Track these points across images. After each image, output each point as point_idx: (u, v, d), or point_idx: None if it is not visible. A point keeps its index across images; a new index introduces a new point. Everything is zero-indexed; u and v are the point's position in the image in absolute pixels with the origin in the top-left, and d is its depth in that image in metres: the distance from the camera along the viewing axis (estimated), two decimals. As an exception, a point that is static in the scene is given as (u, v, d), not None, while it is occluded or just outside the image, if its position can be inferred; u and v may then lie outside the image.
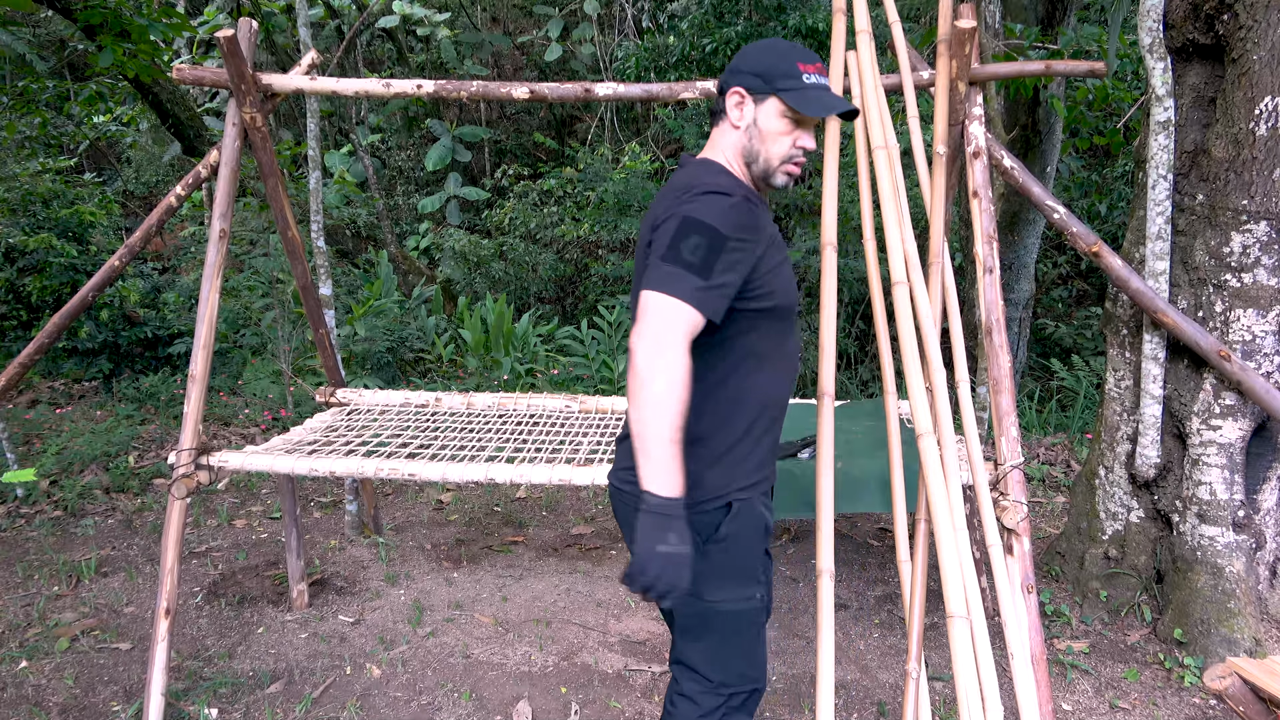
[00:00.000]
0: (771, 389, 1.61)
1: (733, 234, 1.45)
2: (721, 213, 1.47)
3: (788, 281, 1.59)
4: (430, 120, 10.13)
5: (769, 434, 1.65)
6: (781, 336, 1.61)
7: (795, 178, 1.57)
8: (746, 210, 1.49)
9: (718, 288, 1.44)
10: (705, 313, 1.42)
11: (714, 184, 1.51)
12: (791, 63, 1.51)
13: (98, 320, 6.08)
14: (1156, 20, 2.70)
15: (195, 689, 2.66)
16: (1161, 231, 2.76)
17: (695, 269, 1.42)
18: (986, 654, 1.85)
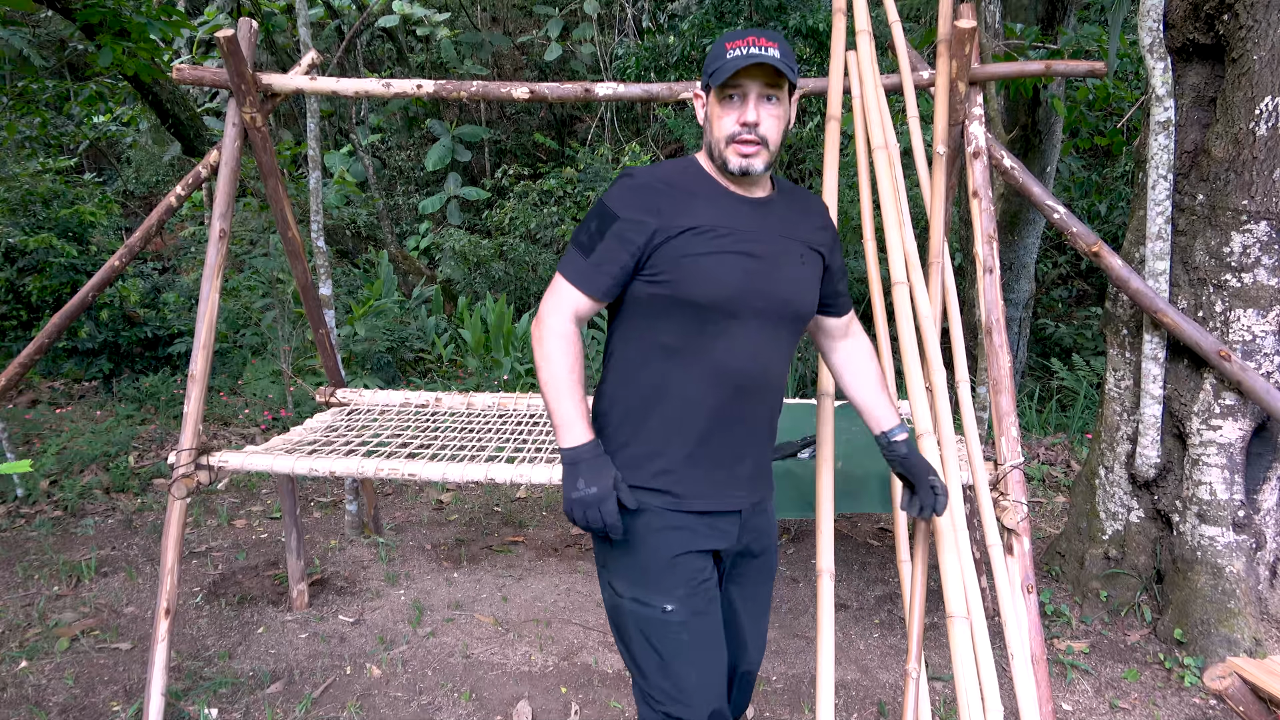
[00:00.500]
0: (688, 389, 1.53)
1: (624, 213, 1.48)
2: (619, 193, 1.52)
3: (713, 276, 1.49)
4: (430, 120, 10.13)
5: (688, 443, 1.54)
6: (702, 334, 1.52)
7: (746, 157, 1.49)
8: (647, 192, 1.50)
9: (598, 266, 1.50)
10: (586, 290, 1.50)
11: (642, 169, 1.56)
12: (721, 47, 1.49)
13: (98, 320, 6.08)
14: (1156, 20, 2.70)
15: (195, 689, 2.66)
16: (1161, 231, 2.76)
17: (582, 247, 1.51)
18: (986, 654, 1.85)
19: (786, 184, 1.68)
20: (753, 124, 1.47)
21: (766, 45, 1.44)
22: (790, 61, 1.47)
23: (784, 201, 1.62)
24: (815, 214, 1.67)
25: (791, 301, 1.57)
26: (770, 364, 1.57)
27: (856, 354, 1.79)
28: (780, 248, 1.56)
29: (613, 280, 1.50)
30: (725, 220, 1.52)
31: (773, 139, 1.50)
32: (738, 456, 1.58)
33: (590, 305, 1.52)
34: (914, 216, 2.28)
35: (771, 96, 1.48)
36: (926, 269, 2.31)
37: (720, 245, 1.49)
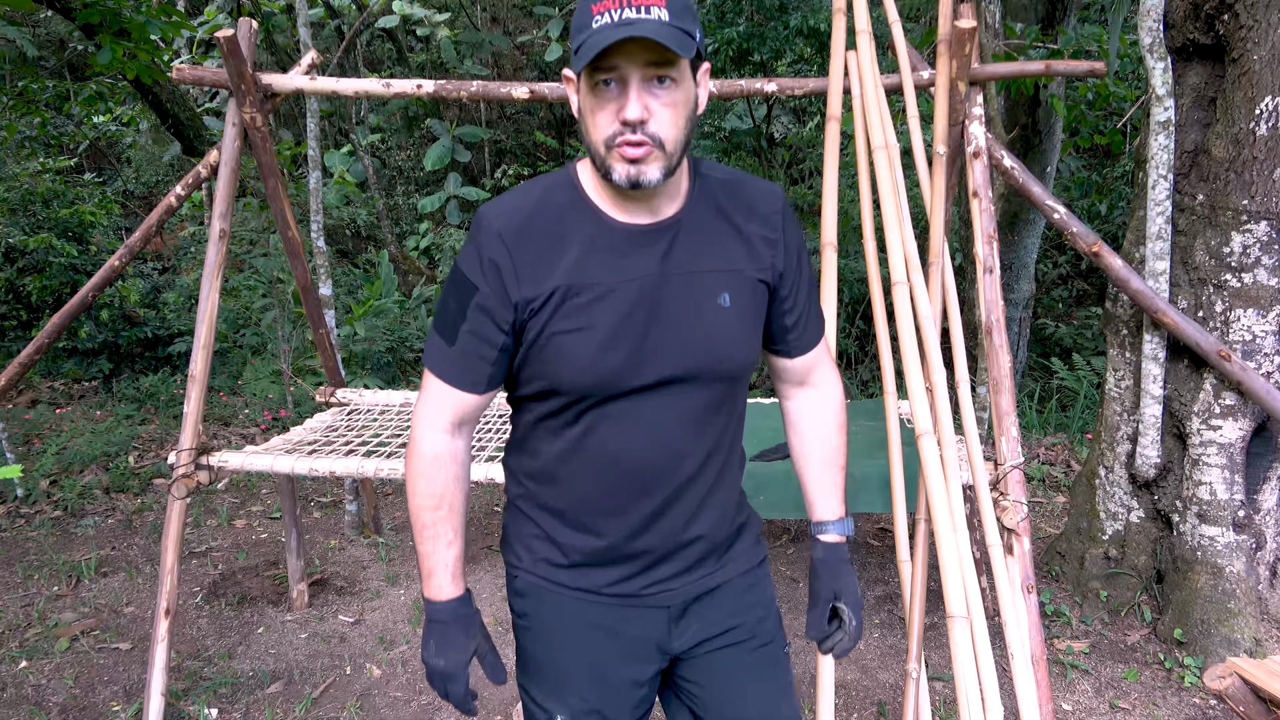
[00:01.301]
0: (579, 489, 1.22)
1: (483, 281, 1.13)
2: (473, 252, 1.15)
3: (581, 359, 1.13)
4: (430, 120, 10.13)
5: (589, 541, 1.23)
6: (580, 423, 1.18)
7: (635, 163, 1.07)
8: (504, 244, 1.12)
9: (467, 355, 1.16)
10: (462, 386, 1.18)
11: (500, 205, 1.17)
12: (585, 10, 1.05)
13: (98, 320, 6.08)
14: (1156, 20, 2.70)
15: (195, 689, 2.66)
16: (1161, 231, 2.76)
17: (444, 331, 1.18)
18: (986, 654, 1.85)
19: (717, 175, 1.23)
20: (636, 121, 1.04)
21: (644, 3, 1.02)
22: (687, 22, 1.04)
23: (703, 213, 1.19)
24: (758, 216, 1.22)
25: (708, 362, 1.17)
26: (687, 447, 1.20)
27: (814, 412, 1.36)
28: (688, 291, 1.15)
29: (493, 366, 1.17)
30: (603, 271, 1.13)
31: (670, 135, 1.07)
32: (660, 557, 1.24)
33: (475, 401, 1.19)
34: (914, 216, 2.27)
35: (664, 78, 1.05)
36: (926, 269, 2.31)
37: (592, 316, 1.12)
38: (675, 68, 1.05)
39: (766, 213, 1.23)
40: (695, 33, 1.07)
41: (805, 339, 1.32)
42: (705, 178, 1.22)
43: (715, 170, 1.25)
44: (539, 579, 1.27)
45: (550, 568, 1.26)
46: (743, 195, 1.23)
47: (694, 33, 1.07)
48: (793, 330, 1.29)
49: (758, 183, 1.27)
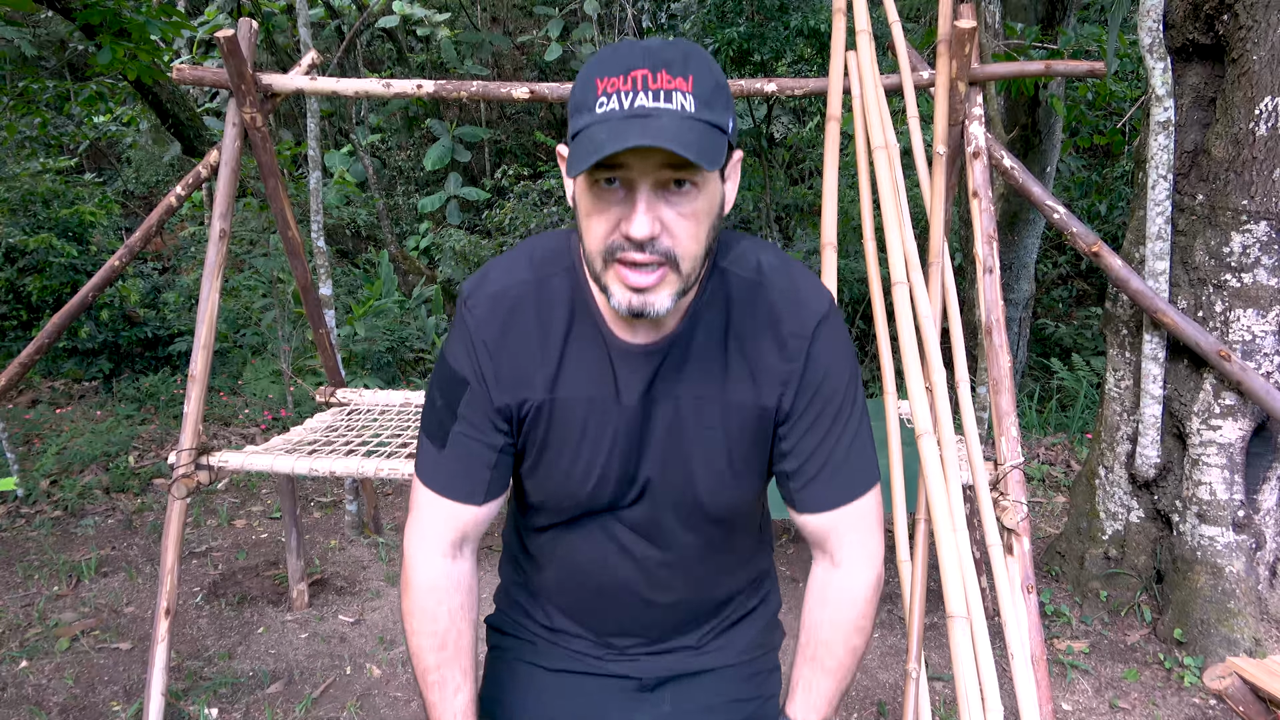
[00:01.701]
0: (547, 587, 1.16)
1: (476, 376, 0.99)
2: (461, 341, 1.00)
3: (554, 479, 1.03)
4: (430, 120, 10.12)
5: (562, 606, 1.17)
6: (553, 535, 1.11)
7: (641, 292, 0.87)
8: (477, 335, 0.98)
9: (465, 460, 1.01)
10: (456, 497, 1.02)
11: (489, 288, 1.01)
12: (589, 86, 0.84)
13: (98, 320, 6.08)
14: (1156, 20, 2.70)
15: (195, 689, 2.66)
16: (1161, 231, 2.76)
17: (430, 431, 1.03)
18: (986, 654, 1.85)
19: (743, 273, 0.99)
20: (646, 239, 0.84)
21: (665, 88, 0.81)
22: (718, 111, 0.84)
23: (708, 326, 0.98)
24: (776, 340, 0.98)
25: (690, 501, 1.03)
26: (664, 589, 1.10)
27: (820, 594, 1.11)
28: (676, 419, 1.00)
29: (493, 471, 1.02)
30: (588, 387, 0.99)
31: (688, 251, 0.87)
32: (623, 634, 1.16)
33: (476, 515, 1.03)
34: (914, 216, 2.27)
35: (683, 182, 0.84)
36: (926, 269, 2.31)
37: (567, 437, 1.00)
38: (698, 170, 0.84)
39: (788, 335, 0.98)
40: (728, 123, 0.86)
41: (813, 495, 1.03)
42: (725, 275, 0.99)
43: (744, 263, 1.00)
44: (513, 620, 1.21)
45: (525, 617, 1.20)
46: (765, 308, 0.98)
47: (726, 124, 0.85)
48: (793, 479, 1.03)
49: (796, 289, 0.99)
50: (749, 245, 1.02)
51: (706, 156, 0.80)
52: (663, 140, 0.78)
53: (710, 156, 0.81)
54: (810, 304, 0.99)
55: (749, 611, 1.21)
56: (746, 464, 1.03)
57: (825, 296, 1.00)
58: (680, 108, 0.82)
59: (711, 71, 0.85)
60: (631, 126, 0.80)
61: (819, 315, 0.99)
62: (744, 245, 1.02)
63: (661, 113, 0.81)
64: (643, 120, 0.80)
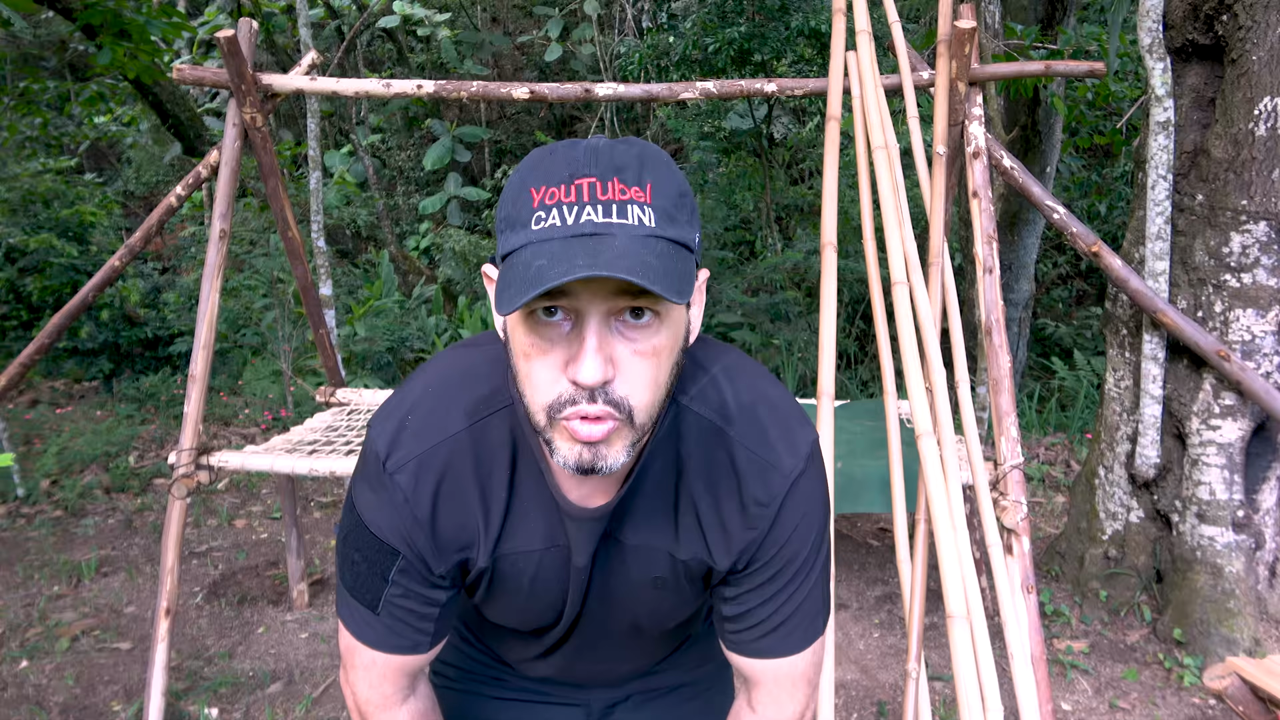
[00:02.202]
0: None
1: (390, 539, 0.86)
2: (370, 497, 0.86)
3: (514, 615, 0.98)
4: (430, 120, 10.13)
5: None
6: (507, 635, 1.08)
7: (592, 446, 0.72)
8: (403, 511, 0.84)
9: (401, 619, 0.89)
10: (400, 651, 0.91)
11: (401, 428, 0.85)
12: (522, 196, 0.70)
13: (98, 320, 6.08)
14: (1156, 20, 2.70)
15: (195, 689, 2.67)
16: (1161, 231, 2.76)
17: (358, 592, 0.89)
18: (986, 654, 1.85)
19: (705, 413, 0.86)
20: (597, 385, 0.69)
21: (618, 199, 0.68)
22: (680, 225, 0.71)
23: (659, 475, 0.86)
24: (736, 504, 0.86)
25: (640, 628, 1.00)
26: (610, 672, 1.11)
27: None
28: (624, 566, 0.91)
29: (436, 624, 0.92)
30: (535, 542, 0.89)
31: (644, 400, 0.72)
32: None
33: (422, 660, 0.94)
34: (914, 216, 2.26)
35: (641, 312, 0.70)
36: (926, 269, 2.31)
37: (514, 592, 0.93)
38: (661, 298, 0.66)
39: (750, 502, 0.85)
40: (694, 239, 0.72)
41: (744, 644, 0.94)
42: (683, 414, 0.85)
43: (707, 399, 0.85)
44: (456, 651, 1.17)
45: (468, 646, 1.16)
46: (726, 465, 0.85)
47: (693, 241, 0.72)
48: (729, 622, 0.94)
49: (767, 443, 0.85)
50: (719, 373, 0.87)
51: (673, 285, 0.65)
52: (619, 269, 0.63)
53: (678, 285, 0.65)
54: (782, 463, 0.85)
55: (703, 633, 1.18)
56: (695, 597, 0.96)
57: (800, 447, 0.86)
58: (638, 222, 0.67)
59: (673, 176, 0.71)
60: (578, 249, 0.65)
61: (791, 477, 0.85)
62: (712, 373, 0.86)
63: (615, 230, 0.67)
64: (593, 240, 0.66)
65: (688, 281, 0.67)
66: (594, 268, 0.62)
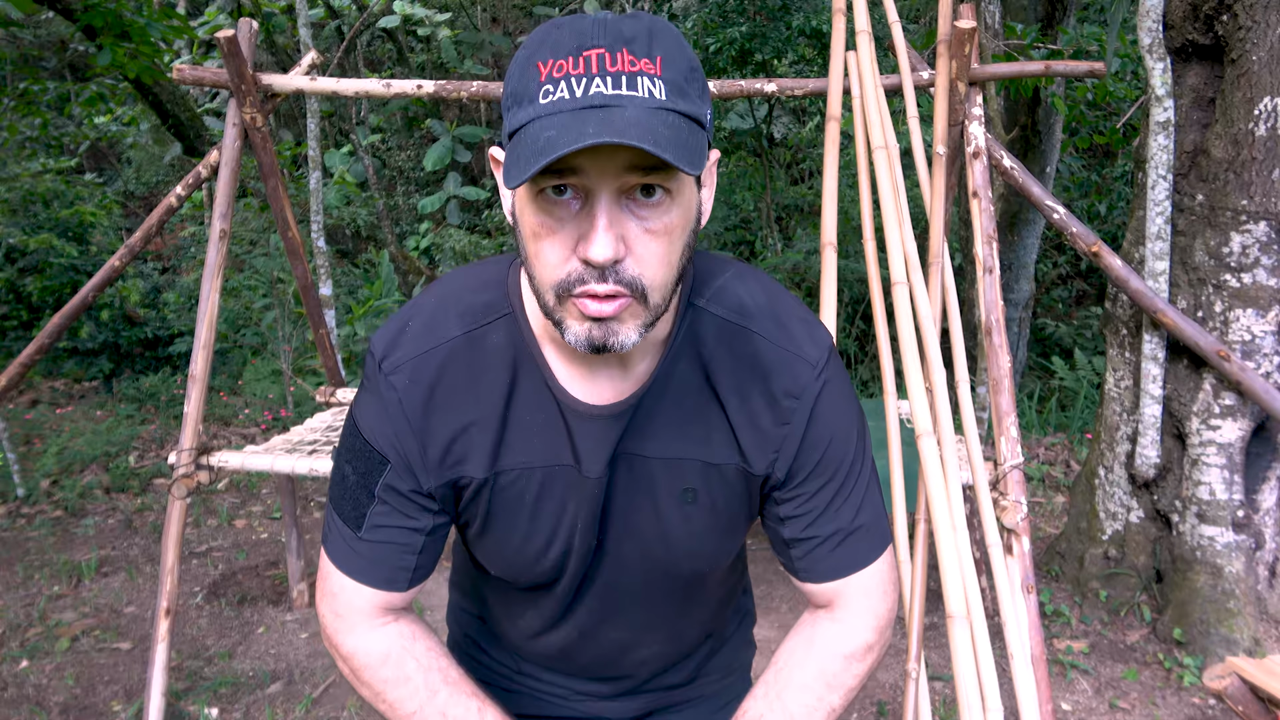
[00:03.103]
0: (505, 634, 1.06)
1: (395, 454, 0.83)
2: (367, 398, 0.85)
3: (505, 557, 0.91)
4: (430, 120, 10.13)
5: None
6: (511, 607, 1.01)
7: (603, 323, 0.71)
8: (395, 410, 0.82)
9: (382, 544, 0.86)
10: (375, 584, 0.87)
11: (404, 349, 0.83)
12: (529, 71, 0.68)
13: (98, 320, 6.08)
14: (1156, 20, 2.70)
15: (195, 689, 2.67)
16: (1161, 231, 2.76)
17: (342, 509, 0.87)
18: (986, 654, 1.85)
19: (721, 313, 0.84)
20: (609, 262, 0.68)
21: (627, 71, 0.66)
22: (692, 98, 0.69)
23: (682, 377, 0.83)
24: (764, 396, 0.83)
25: (662, 567, 0.91)
26: (633, 643, 1.00)
27: (809, 641, 0.94)
28: (644, 482, 0.86)
29: (419, 557, 0.88)
30: (538, 454, 0.84)
31: (656, 278, 0.71)
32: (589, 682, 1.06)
33: (404, 595, 0.90)
34: (914, 216, 2.26)
35: (651, 188, 0.68)
36: (926, 269, 2.31)
37: (516, 511, 0.87)
38: (673, 174, 0.67)
39: (780, 394, 0.83)
40: (706, 115, 0.70)
41: (817, 566, 0.90)
42: (701, 316, 0.83)
43: (724, 299, 0.84)
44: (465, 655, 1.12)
45: (482, 653, 1.11)
46: (750, 359, 0.83)
47: (704, 116, 0.69)
48: (794, 547, 0.90)
49: (788, 335, 0.84)
50: (730, 278, 0.86)
51: (685, 156, 0.63)
52: (632, 136, 0.61)
53: (690, 156, 0.64)
54: (805, 353, 0.83)
55: (734, 631, 1.13)
56: (730, 525, 0.90)
57: (822, 340, 0.85)
58: (648, 94, 0.65)
59: (683, 51, 0.69)
60: (588, 119, 0.63)
61: (817, 366, 0.83)
62: (725, 278, 0.86)
63: (625, 101, 0.65)
64: (602, 111, 0.64)
65: (699, 154, 0.65)
66: (605, 135, 0.61)
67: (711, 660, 1.10)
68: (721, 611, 1.06)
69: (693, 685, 1.09)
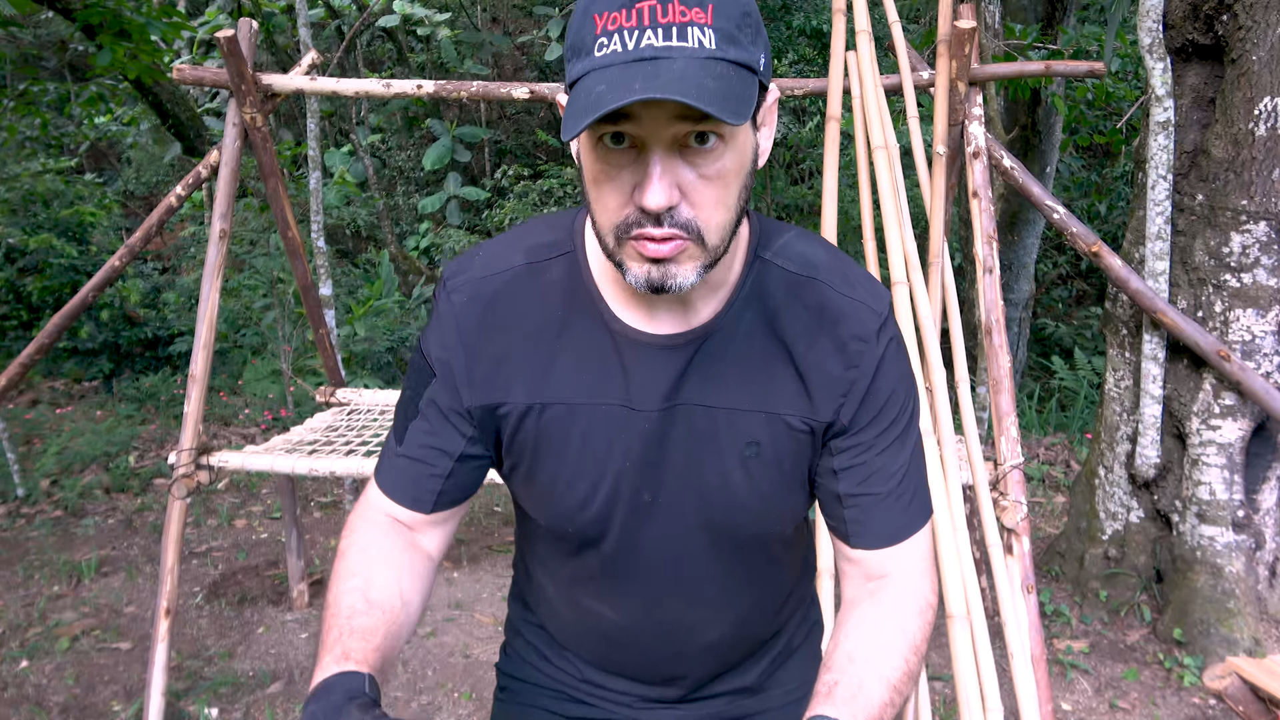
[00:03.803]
0: (565, 635, 1.04)
1: (442, 366, 0.87)
2: (439, 327, 0.88)
3: (552, 501, 0.89)
4: (430, 120, 10.13)
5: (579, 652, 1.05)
6: (565, 570, 0.97)
7: (660, 263, 0.73)
8: (449, 324, 0.86)
9: (414, 460, 0.89)
10: (401, 500, 0.90)
11: (476, 269, 0.88)
12: (586, 23, 0.70)
13: (98, 320, 6.08)
14: (1156, 20, 2.70)
15: (195, 689, 2.67)
16: (1161, 231, 2.76)
17: (396, 423, 0.92)
18: (986, 654, 1.85)
19: (788, 266, 0.85)
20: (663, 209, 0.70)
21: (678, 21, 0.67)
22: (744, 45, 0.69)
23: (749, 324, 0.84)
24: (832, 343, 0.84)
25: (722, 525, 0.89)
26: (695, 621, 0.96)
27: (862, 622, 0.87)
28: (704, 431, 0.85)
29: (445, 481, 0.89)
30: (591, 391, 0.84)
31: (714, 220, 0.73)
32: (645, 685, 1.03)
33: (428, 519, 0.91)
34: (914, 216, 2.26)
35: (705, 135, 0.69)
36: (926, 269, 2.31)
37: (564, 451, 0.86)
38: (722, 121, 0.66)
39: (849, 338, 0.83)
40: (759, 60, 0.71)
41: (870, 526, 0.87)
42: (768, 267, 0.85)
43: (789, 253, 0.86)
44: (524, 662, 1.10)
45: (545, 662, 1.08)
46: (817, 306, 0.84)
47: (757, 62, 0.71)
48: (848, 505, 0.87)
49: (853, 287, 0.85)
50: (794, 236, 0.88)
51: (731, 107, 0.65)
52: (675, 91, 0.63)
53: (736, 107, 0.65)
54: (872, 303, 0.85)
55: (802, 642, 1.09)
56: (794, 481, 0.88)
57: (884, 296, 0.87)
58: (698, 44, 0.67)
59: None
60: (636, 73, 0.65)
61: (882, 316, 0.85)
62: (788, 236, 0.88)
63: (674, 53, 0.66)
64: (651, 64, 0.66)
65: (746, 103, 0.66)
66: (649, 90, 0.63)
67: (780, 670, 1.06)
68: (789, 599, 1.03)
69: (762, 695, 1.05)
